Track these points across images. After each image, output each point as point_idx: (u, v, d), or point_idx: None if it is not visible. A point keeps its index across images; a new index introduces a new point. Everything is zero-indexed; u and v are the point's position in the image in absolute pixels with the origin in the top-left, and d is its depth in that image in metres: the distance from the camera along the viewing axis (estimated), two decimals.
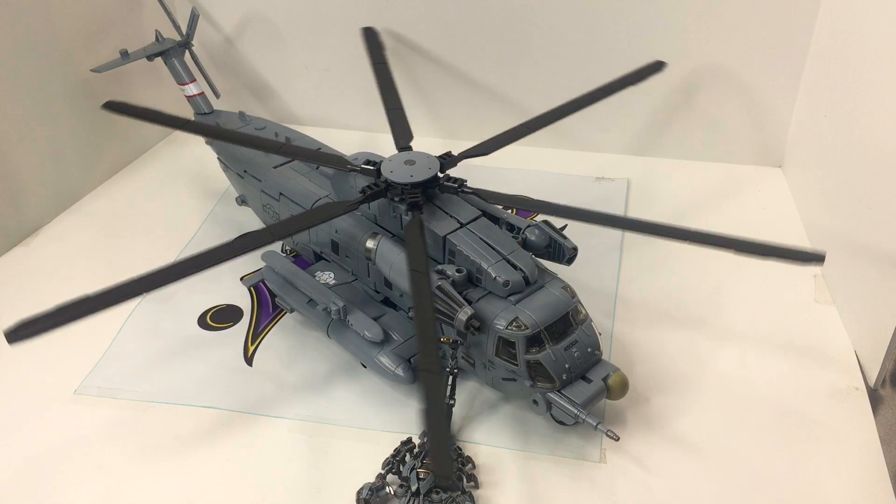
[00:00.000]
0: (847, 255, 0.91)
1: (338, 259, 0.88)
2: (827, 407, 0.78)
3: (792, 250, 0.72)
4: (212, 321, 0.91)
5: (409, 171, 0.78)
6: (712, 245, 0.73)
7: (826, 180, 1.03)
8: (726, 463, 0.72)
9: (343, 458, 0.73)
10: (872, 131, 0.88)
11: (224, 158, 1.04)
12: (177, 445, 0.75)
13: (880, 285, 0.82)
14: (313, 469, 0.72)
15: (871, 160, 0.88)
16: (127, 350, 0.86)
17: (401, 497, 0.67)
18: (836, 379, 0.81)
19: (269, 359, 0.85)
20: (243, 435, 0.76)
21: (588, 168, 1.21)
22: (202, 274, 0.96)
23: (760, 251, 0.72)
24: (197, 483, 0.71)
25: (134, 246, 1.03)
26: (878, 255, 0.84)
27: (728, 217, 1.10)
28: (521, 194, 0.90)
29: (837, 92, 1.01)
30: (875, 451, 0.73)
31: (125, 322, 0.90)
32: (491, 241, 0.76)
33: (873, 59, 0.89)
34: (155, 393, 0.80)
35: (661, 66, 1.02)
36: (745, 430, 0.76)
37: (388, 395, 0.80)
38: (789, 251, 0.72)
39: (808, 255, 0.71)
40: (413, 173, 0.78)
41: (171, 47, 1.10)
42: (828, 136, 1.03)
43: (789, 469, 0.72)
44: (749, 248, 0.72)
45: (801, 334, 0.87)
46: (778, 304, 0.87)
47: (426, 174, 0.78)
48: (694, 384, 0.81)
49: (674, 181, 1.20)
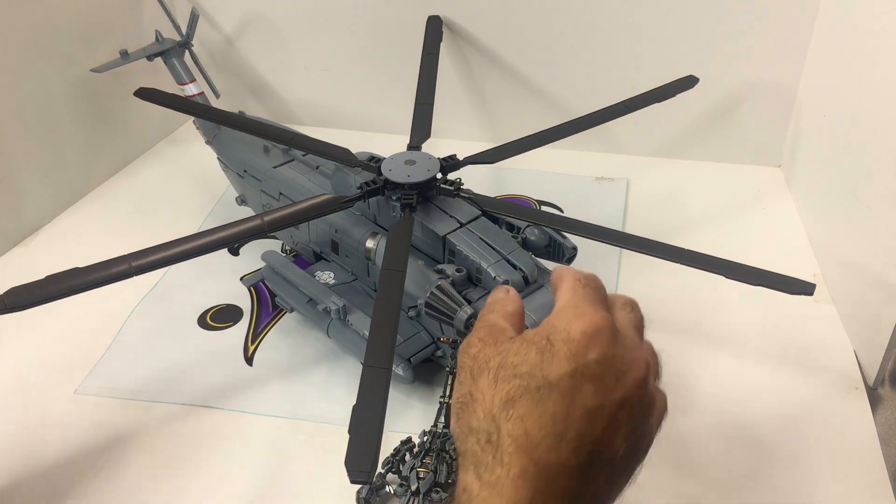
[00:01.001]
0: (846, 255, 0.92)
1: (338, 259, 0.88)
2: (826, 407, 0.78)
3: (783, 279, 0.70)
4: (212, 321, 0.91)
5: (407, 171, 0.78)
6: (704, 267, 0.72)
7: (825, 180, 1.03)
8: (725, 462, 0.72)
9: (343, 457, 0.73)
10: (872, 131, 0.88)
11: (224, 158, 1.04)
12: (176, 445, 0.75)
13: (880, 285, 0.82)
14: (313, 469, 0.72)
15: (870, 160, 0.88)
16: (127, 350, 0.86)
17: (400, 496, 0.67)
18: (835, 379, 0.81)
19: (269, 359, 0.85)
20: (243, 434, 0.76)
21: (588, 168, 1.21)
22: (202, 274, 0.97)
23: (752, 278, 0.70)
24: (197, 483, 0.71)
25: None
26: (877, 255, 0.84)
27: (728, 217, 1.10)
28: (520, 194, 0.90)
29: (837, 92, 1.01)
30: (875, 451, 0.73)
31: (125, 322, 0.90)
32: (490, 241, 0.76)
33: (873, 59, 0.89)
34: (155, 393, 0.80)
35: (693, 82, 1.01)
36: (744, 429, 0.76)
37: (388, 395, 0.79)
38: (780, 280, 0.70)
39: (799, 285, 0.70)
40: (411, 173, 0.78)
41: (170, 47, 1.10)
42: (827, 136, 1.03)
43: (789, 469, 0.72)
44: (740, 273, 0.71)
45: (801, 334, 0.87)
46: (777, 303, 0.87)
47: (424, 175, 0.78)
48: (693, 384, 0.81)
49: (673, 181, 1.20)
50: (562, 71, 1.23)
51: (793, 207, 1.12)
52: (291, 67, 1.33)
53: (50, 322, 0.90)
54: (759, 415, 0.77)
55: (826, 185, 1.02)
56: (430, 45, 1.09)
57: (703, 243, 0.75)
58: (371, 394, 0.58)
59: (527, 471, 0.44)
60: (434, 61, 1.06)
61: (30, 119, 1.05)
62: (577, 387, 0.47)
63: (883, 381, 0.80)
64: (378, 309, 0.65)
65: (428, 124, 0.92)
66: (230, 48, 1.32)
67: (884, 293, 0.81)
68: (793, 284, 0.70)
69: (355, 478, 0.53)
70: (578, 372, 0.47)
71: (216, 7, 1.28)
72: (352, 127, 1.33)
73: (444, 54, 1.18)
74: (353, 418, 0.57)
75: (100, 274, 0.66)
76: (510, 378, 0.48)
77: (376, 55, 1.27)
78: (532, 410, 0.46)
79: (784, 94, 1.16)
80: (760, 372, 0.82)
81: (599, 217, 0.84)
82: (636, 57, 1.18)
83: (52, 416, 0.78)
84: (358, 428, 0.56)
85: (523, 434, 0.45)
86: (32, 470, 0.72)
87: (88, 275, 0.66)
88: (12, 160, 1.02)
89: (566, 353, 0.48)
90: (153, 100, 0.98)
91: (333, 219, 0.85)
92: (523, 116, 1.24)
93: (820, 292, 0.94)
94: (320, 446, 0.74)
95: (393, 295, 0.66)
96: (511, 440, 0.45)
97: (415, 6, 1.19)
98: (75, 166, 1.14)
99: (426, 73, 1.03)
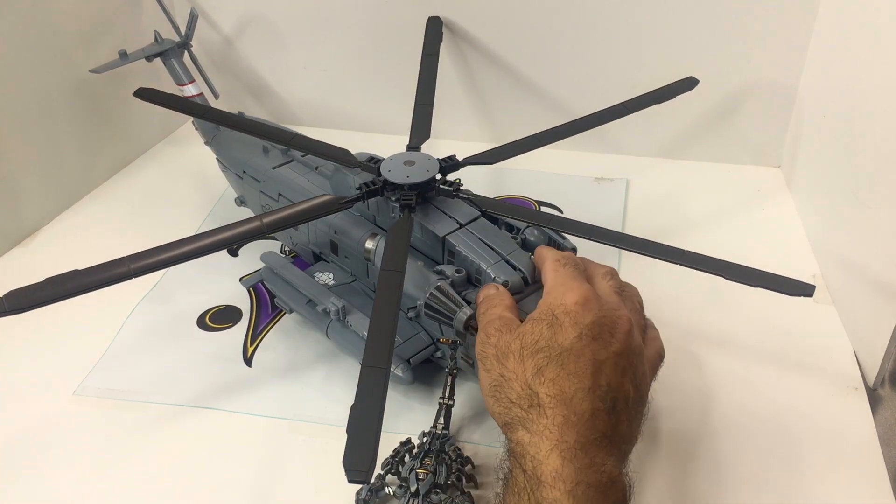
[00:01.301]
0: (846, 256, 0.91)
1: (337, 260, 0.88)
2: (826, 407, 0.78)
3: (782, 281, 0.70)
4: (211, 322, 0.91)
5: (406, 172, 0.78)
6: (703, 268, 0.71)
7: (825, 180, 1.03)
8: (724, 462, 0.72)
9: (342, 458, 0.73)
10: (872, 131, 0.88)
11: (223, 159, 1.04)
12: (176, 446, 0.75)
13: (879, 285, 0.82)
14: (312, 470, 0.72)
15: (870, 160, 0.88)
16: (126, 351, 0.86)
17: (400, 498, 0.67)
18: (835, 379, 0.81)
19: (268, 359, 0.85)
20: (242, 436, 0.76)
21: (587, 168, 1.21)
22: (201, 275, 0.97)
23: (751, 279, 0.70)
24: (196, 483, 0.71)
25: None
26: (877, 255, 0.83)
27: (727, 217, 1.10)
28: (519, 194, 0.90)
29: (837, 92, 1.01)
30: (874, 451, 0.73)
31: (124, 323, 0.90)
32: (490, 242, 0.75)
33: (872, 58, 0.89)
34: (154, 394, 0.80)
35: (693, 83, 1.01)
36: (743, 429, 0.75)
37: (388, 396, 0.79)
38: (780, 281, 0.70)
39: (798, 286, 0.69)
40: (410, 174, 0.78)
41: (169, 48, 1.10)
42: (827, 136, 1.03)
43: (788, 469, 0.71)
44: (740, 274, 0.70)
45: (801, 334, 0.87)
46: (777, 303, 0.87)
47: (423, 176, 0.78)
48: (692, 383, 0.81)
49: (673, 181, 1.20)
50: (561, 71, 1.22)
51: (793, 207, 1.12)
52: (291, 68, 1.33)
53: (49, 322, 0.90)
54: (758, 415, 0.77)
55: (826, 185, 1.02)
56: (429, 46, 1.09)
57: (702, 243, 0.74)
58: (369, 394, 0.59)
59: (568, 419, 0.56)
60: (434, 62, 1.06)
61: (30, 120, 1.05)
62: (585, 346, 0.59)
63: (883, 382, 0.80)
64: (376, 309, 0.65)
65: (427, 125, 0.92)
66: (229, 48, 1.32)
67: (884, 293, 0.81)
68: (792, 286, 0.69)
69: (353, 477, 0.54)
70: (582, 334, 0.59)
71: (215, 8, 1.28)
72: (351, 127, 1.33)
73: (443, 55, 1.18)
74: (352, 418, 0.57)
75: (99, 276, 0.66)
76: (534, 354, 0.59)
77: (376, 56, 1.27)
78: (560, 373, 0.58)
79: (784, 94, 1.16)
80: (760, 372, 0.82)
81: (599, 217, 0.84)
82: (636, 57, 1.18)
83: (51, 416, 0.78)
84: (356, 428, 0.56)
85: (559, 392, 0.57)
86: (31, 470, 0.72)
87: (87, 277, 0.66)
88: (12, 161, 1.02)
89: (569, 322, 0.60)
90: (152, 100, 0.98)
91: (332, 220, 0.85)
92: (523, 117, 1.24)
93: (820, 292, 0.94)
94: (320, 447, 0.74)
95: (391, 295, 0.66)
96: (550, 398, 0.57)
97: (414, 6, 1.19)
98: (75, 167, 1.14)
99: (426, 74, 1.03)
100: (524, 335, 0.61)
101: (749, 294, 0.75)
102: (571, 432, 0.55)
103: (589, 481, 0.54)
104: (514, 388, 0.59)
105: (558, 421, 0.56)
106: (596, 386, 0.57)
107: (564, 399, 0.57)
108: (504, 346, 0.62)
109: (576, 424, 0.56)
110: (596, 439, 0.56)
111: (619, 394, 0.58)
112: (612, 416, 0.57)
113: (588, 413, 0.56)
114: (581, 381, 0.57)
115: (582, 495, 0.53)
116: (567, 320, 0.60)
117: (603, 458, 0.55)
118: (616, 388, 0.58)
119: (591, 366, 0.58)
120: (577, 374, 0.57)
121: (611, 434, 0.57)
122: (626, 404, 0.59)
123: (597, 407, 0.57)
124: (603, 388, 0.57)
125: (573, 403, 0.56)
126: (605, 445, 0.56)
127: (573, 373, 0.58)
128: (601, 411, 0.57)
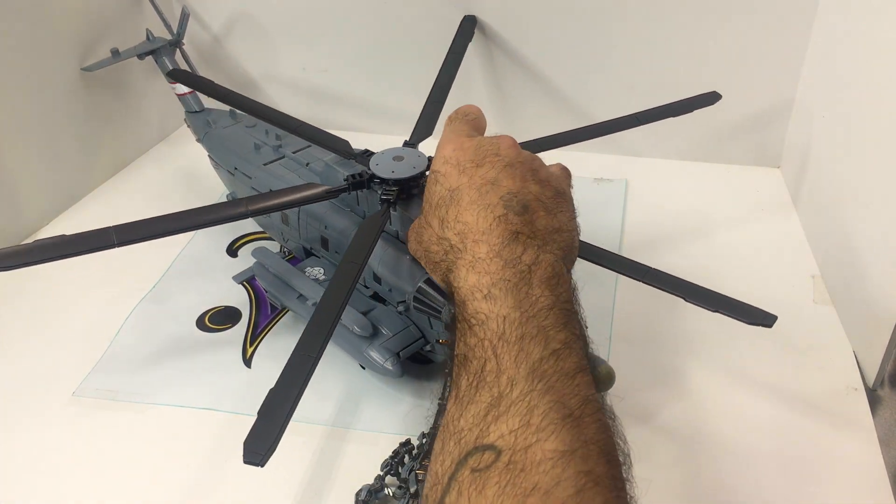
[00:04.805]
0: (845, 256, 0.91)
1: (328, 255, 0.88)
2: (825, 407, 0.78)
3: (744, 308, 0.68)
4: (210, 323, 0.91)
5: (393, 167, 0.78)
6: (665, 288, 0.70)
7: (824, 180, 1.03)
8: (723, 462, 0.72)
9: (341, 459, 0.73)
10: (871, 131, 0.88)
11: (215, 156, 1.04)
12: (175, 447, 0.75)
13: (879, 285, 0.82)
14: (311, 471, 0.72)
15: (869, 160, 0.88)
16: (125, 352, 0.86)
17: (399, 499, 0.67)
18: (834, 379, 0.81)
19: (267, 360, 0.85)
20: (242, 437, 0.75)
21: (587, 168, 1.21)
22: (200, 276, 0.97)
23: (710, 303, 0.68)
24: (196, 485, 0.71)
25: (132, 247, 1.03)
26: (876, 255, 0.83)
27: (727, 218, 1.10)
28: None
29: (835, 92, 1.01)
30: (874, 451, 0.73)
31: (123, 324, 0.90)
32: None
33: (871, 59, 0.89)
34: (153, 395, 0.80)
35: (716, 98, 0.98)
36: (742, 429, 0.75)
37: (386, 397, 0.80)
38: (740, 308, 0.68)
39: (759, 315, 0.67)
40: (396, 169, 0.77)
41: (161, 46, 1.10)
42: (826, 136, 1.03)
43: (788, 469, 0.71)
44: (700, 297, 0.69)
45: (800, 335, 0.87)
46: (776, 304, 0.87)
47: (408, 172, 0.77)
48: (690, 383, 0.81)
49: (672, 182, 1.20)
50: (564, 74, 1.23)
51: (791, 208, 1.12)
52: (290, 68, 1.33)
53: (48, 323, 0.90)
54: (758, 416, 0.77)
55: (826, 185, 1.02)
56: (457, 45, 1.08)
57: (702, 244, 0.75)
58: (291, 380, 0.59)
59: (476, 240, 0.58)
60: (457, 61, 1.04)
61: (29, 120, 1.05)
62: (471, 177, 0.62)
63: (882, 382, 0.80)
64: (325, 298, 0.65)
65: (432, 123, 0.92)
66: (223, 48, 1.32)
67: (883, 293, 0.81)
68: (753, 314, 0.67)
69: (249, 459, 0.54)
70: (465, 168, 0.62)
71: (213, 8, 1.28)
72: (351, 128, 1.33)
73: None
74: (266, 400, 0.58)
75: (84, 245, 0.67)
76: (436, 211, 0.63)
77: (376, 56, 1.27)
78: (458, 210, 0.61)
79: (784, 95, 1.16)
80: (759, 372, 0.82)
81: (598, 218, 0.84)
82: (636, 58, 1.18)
83: (50, 417, 0.78)
84: (267, 411, 0.57)
85: (462, 225, 0.60)
86: (31, 471, 0.72)
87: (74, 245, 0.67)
88: (12, 161, 1.02)
89: (450, 167, 0.63)
90: (185, 81, 1.04)
91: (323, 215, 0.85)
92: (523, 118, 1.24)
93: (819, 292, 0.94)
94: (319, 448, 0.74)
95: (343, 286, 0.65)
96: (457, 235, 0.60)
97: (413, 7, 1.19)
98: (74, 167, 1.14)
99: (445, 72, 1.02)
100: (424, 203, 0.65)
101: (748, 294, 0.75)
102: (482, 247, 0.57)
103: (507, 277, 0.55)
104: (434, 252, 0.62)
105: (469, 246, 0.58)
106: (497, 200, 0.59)
107: (469, 228, 0.59)
108: (417, 228, 0.66)
109: (484, 240, 0.58)
110: (509, 242, 0.57)
111: (524, 196, 0.60)
112: (524, 215, 0.59)
113: (493, 223, 0.58)
114: (478, 204, 0.60)
115: (500, 293, 0.54)
116: (447, 168, 0.63)
117: (520, 251, 0.57)
118: (518, 191, 0.60)
119: (483, 187, 0.60)
120: (474, 201, 0.60)
121: (527, 231, 0.59)
122: (540, 201, 0.61)
123: (501, 214, 0.59)
124: (505, 197, 0.60)
125: (478, 224, 0.59)
126: (522, 240, 0.58)
127: (470, 202, 0.60)
128: (508, 216, 0.59)
